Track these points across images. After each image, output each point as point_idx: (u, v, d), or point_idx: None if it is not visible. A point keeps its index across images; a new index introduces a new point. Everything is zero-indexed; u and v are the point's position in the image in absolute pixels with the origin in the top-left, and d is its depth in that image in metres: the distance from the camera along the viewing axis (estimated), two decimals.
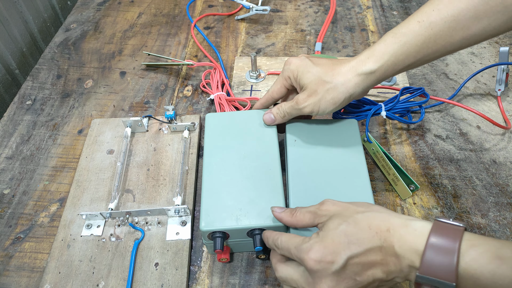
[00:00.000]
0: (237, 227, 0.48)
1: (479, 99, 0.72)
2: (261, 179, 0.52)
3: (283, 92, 0.56)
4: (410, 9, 0.91)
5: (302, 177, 0.52)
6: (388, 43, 0.48)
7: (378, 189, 0.60)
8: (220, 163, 0.53)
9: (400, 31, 0.47)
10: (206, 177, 0.52)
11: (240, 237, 0.49)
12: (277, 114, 0.56)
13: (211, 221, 0.48)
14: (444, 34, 0.45)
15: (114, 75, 0.79)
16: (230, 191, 0.50)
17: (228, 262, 0.53)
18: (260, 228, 0.48)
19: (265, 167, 0.53)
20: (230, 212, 0.49)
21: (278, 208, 0.47)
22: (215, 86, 0.71)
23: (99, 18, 0.92)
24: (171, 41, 0.86)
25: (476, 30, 0.45)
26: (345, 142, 0.55)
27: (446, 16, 0.45)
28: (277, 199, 0.50)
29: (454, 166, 0.62)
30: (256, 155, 0.54)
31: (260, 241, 0.48)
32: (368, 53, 0.49)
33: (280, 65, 0.76)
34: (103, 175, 0.61)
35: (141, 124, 0.66)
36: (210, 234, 0.48)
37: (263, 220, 0.48)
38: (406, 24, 0.47)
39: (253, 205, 0.49)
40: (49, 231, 0.57)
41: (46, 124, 0.71)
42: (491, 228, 0.55)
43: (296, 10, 0.93)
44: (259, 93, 0.71)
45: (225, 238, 0.49)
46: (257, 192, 0.50)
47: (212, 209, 0.49)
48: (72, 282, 0.51)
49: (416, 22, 0.46)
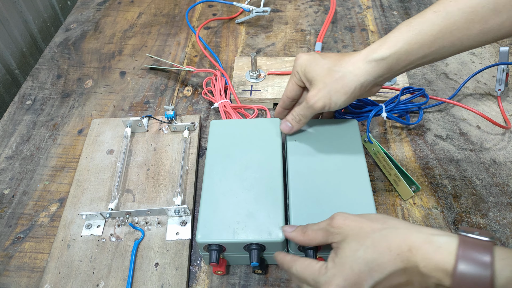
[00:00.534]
0: (234, 240, 0.47)
1: (479, 99, 0.72)
2: (261, 191, 0.51)
3: (296, 90, 0.54)
4: (410, 9, 0.91)
5: (302, 177, 0.52)
6: (403, 31, 0.46)
7: (378, 189, 0.60)
8: (221, 172, 0.53)
9: (416, 20, 0.46)
10: (206, 187, 0.51)
11: (236, 251, 0.49)
12: (293, 120, 0.54)
13: (208, 233, 0.47)
14: (461, 25, 0.44)
15: (114, 75, 0.79)
16: (229, 203, 0.50)
17: (223, 275, 0.52)
18: (257, 243, 0.47)
19: (266, 179, 0.52)
20: (228, 225, 0.48)
21: (288, 228, 0.46)
22: (217, 93, 0.70)
23: (99, 18, 0.92)
24: (171, 41, 0.86)
25: (494, 24, 0.43)
26: (346, 142, 0.55)
27: (464, 7, 0.43)
28: (277, 213, 0.48)
29: (454, 166, 0.62)
30: (258, 166, 0.53)
31: (257, 256, 0.47)
32: (380, 42, 0.47)
33: (280, 65, 0.76)
34: (103, 175, 0.61)
35: (141, 124, 0.66)
36: (206, 246, 0.48)
37: (261, 235, 0.47)
38: (422, 14, 0.46)
39: (252, 218, 0.48)
40: (49, 231, 0.57)
41: (46, 124, 0.71)
42: (491, 228, 0.55)
43: (296, 10, 0.93)
44: (259, 93, 0.71)
45: (221, 251, 0.48)
46: (257, 205, 0.49)
47: (209, 221, 0.48)
48: (72, 282, 0.51)
49: (433, 12, 0.45)
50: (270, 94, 0.71)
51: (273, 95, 0.71)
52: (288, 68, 0.76)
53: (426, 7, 0.91)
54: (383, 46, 0.47)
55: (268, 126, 0.58)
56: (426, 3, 0.93)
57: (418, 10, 0.91)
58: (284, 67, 0.76)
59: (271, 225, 0.48)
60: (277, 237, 0.47)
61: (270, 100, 0.71)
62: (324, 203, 0.49)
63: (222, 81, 0.71)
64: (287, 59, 0.77)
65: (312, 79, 0.50)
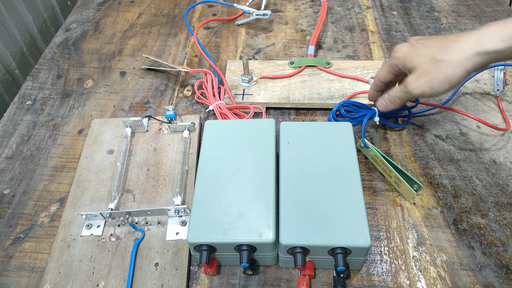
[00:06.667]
0: (224, 241, 0.47)
1: (479, 99, 0.72)
2: (253, 192, 0.51)
3: (390, 78, 0.54)
4: (410, 9, 0.92)
5: (294, 179, 0.52)
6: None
7: (378, 189, 0.60)
8: (214, 173, 0.53)
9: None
10: (198, 187, 0.52)
11: (227, 251, 0.49)
12: (388, 100, 0.54)
13: (198, 233, 0.47)
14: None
15: (114, 75, 0.79)
16: (221, 203, 0.50)
17: (214, 275, 0.52)
18: (247, 244, 0.47)
19: (259, 180, 0.52)
20: (219, 225, 0.48)
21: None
22: (210, 95, 0.69)
23: (99, 18, 0.92)
24: (171, 41, 0.86)
25: None
26: (339, 145, 0.55)
27: None
28: (268, 214, 0.49)
29: (454, 166, 0.62)
30: (251, 167, 0.53)
31: (247, 257, 0.47)
32: (495, 28, 0.44)
33: (272, 69, 0.75)
34: (103, 175, 0.61)
35: (141, 124, 0.66)
36: (196, 246, 0.48)
37: (251, 235, 0.47)
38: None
39: (243, 219, 0.48)
40: (49, 231, 0.57)
41: (46, 124, 0.71)
42: (491, 228, 0.55)
43: (296, 10, 0.93)
44: (251, 97, 0.71)
45: (212, 251, 0.48)
46: (248, 206, 0.49)
47: (200, 221, 0.48)
48: (72, 282, 0.51)
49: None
50: (262, 98, 0.70)
51: (266, 99, 0.70)
52: (280, 71, 0.75)
53: (426, 7, 0.92)
54: (498, 36, 0.43)
55: (263, 126, 0.58)
56: (426, 3, 0.93)
57: (418, 10, 0.91)
58: (277, 71, 0.75)
59: (262, 226, 0.48)
60: (268, 238, 0.47)
61: (263, 104, 0.70)
62: (315, 205, 0.49)
63: (215, 81, 0.71)
64: (280, 62, 0.76)
65: (413, 68, 0.49)
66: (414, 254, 0.53)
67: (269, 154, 0.54)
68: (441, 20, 0.88)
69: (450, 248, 0.54)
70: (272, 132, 0.57)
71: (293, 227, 0.47)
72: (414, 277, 0.51)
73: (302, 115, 0.70)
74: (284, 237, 0.47)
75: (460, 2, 0.93)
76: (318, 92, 0.71)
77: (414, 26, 0.87)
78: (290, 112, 0.71)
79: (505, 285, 0.50)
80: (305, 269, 0.49)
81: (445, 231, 0.55)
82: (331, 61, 0.76)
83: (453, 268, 0.52)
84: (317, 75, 0.74)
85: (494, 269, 0.52)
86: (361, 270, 0.52)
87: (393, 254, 0.53)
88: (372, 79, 0.72)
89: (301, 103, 0.70)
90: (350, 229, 0.47)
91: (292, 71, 0.74)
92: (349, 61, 0.77)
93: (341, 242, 0.46)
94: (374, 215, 0.57)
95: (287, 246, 0.47)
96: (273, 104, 0.70)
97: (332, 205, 0.49)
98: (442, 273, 0.52)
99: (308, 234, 0.47)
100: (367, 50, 0.82)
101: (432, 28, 0.86)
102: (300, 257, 0.47)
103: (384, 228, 0.56)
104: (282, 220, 0.48)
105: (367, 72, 0.74)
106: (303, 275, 0.49)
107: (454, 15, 0.89)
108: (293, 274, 0.52)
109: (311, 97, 0.70)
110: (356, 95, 0.70)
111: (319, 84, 0.72)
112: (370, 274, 0.52)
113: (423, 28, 0.87)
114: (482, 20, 0.88)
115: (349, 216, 0.48)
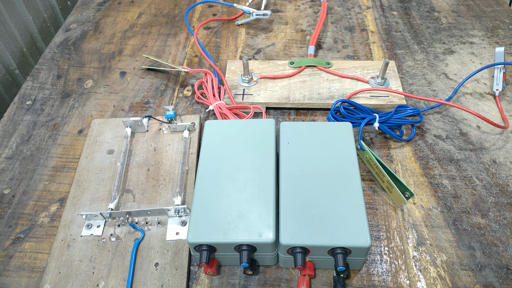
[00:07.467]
0: (224, 241, 0.47)
1: (479, 98, 0.72)
2: (253, 192, 0.51)
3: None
4: (410, 9, 0.92)
5: (294, 179, 0.52)
6: None
7: (378, 189, 0.60)
8: (214, 173, 0.53)
9: None
10: (198, 187, 0.52)
11: (227, 251, 0.49)
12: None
13: (198, 233, 0.47)
14: None
15: (114, 75, 0.79)
16: (221, 203, 0.50)
17: (214, 275, 0.52)
18: (247, 244, 0.47)
19: (259, 180, 0.52)
20: (219, 225, 0.48)
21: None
22: (210, 95, 0.69)
23: (99, 18, 0.92)
24: (171, 41, 0.86)
25: None
26: (339, 145, 0.55)
27: None
28: (268, 214, 0.49)
29: (454, 166, 0.62)
30: (251, 167, 0.53)
31: (247, 257, 0.47)
32: None
33: (272, 69, 0.75)
34: (103, 175, 0.61)
35: (141, 124, 0.66)
36: (196, 246, 0.48)
37: (251, 235, 0.47)
38: None
39: (243, 219, 0.48)
40: (49, 231, 0.57)
41: (46, 124, 0.71)
42: (491, 228, 0.55)
43: (296, 10, 0.93)
44: (251, 97, 0.71)
45: (212, 251, 0.48)
46: (248, 206, 0.49)
47: (200, 221, 0.48)
48: (72, 282, 0.51)
49: None
50: (262, 98, 0.70)
51: (265, 99, 0.70)
52: (280, 72, 0.74)
53: (426, 7, 0.92)
54: None
55: (263, 126, 0.58)
56: (426, 3, 0.93)
57: (418, 10, 0.91)
58: (277, 71, 0.75)
59: (261, 226, 0.48)
60: (268, 238, 0.47)
61: (263, 104, 0.70)
62: (315, 205, 0.49)
63: (215, 81, 0.71)
64: (280, 62, 0.77)
65: None
66: (414, 254, 0.53)
67: (269, 154, 0.54)
68: (441, 20, 0.88)
69: (450, 248, 0.54)
70: (272, 132, 0.57)
71: (293, 227, 0.47)
72: (414, 277, 0.51)
73: (302, 115, 0.70)
74: (284, 237, 0.47)
75: (460, 2, 0.93)
76: (318, 92, 0.71)
77: (414, 26, 0.87)
78: (290, 112, 0.71)
79: (505, 285, 0.50)
80: (305, 269, 0.49)
81: (445, 231, 0.55)
82: (331, 61, 0.76)
83: (453, 268, 0.52)
84: (317, 75, 0.74)
85: (494, 269, 0.52)
86: (361, 270, 0.52)
87: (393, 254, 0.53)
88: (372, 79, 0.72)
89: (301, 103, 0.70)
90: (350, 229, 0.47)
91: (292, 71, 0.74)
92: (349, 61, 0.77)
93: (341, 242, 0.46)
94: (374, 215, 0.57)
95: (287, 246, 0.47)
96: (273, 104, 0.70)
97: (332, 205, 0.49)
98: (442, 273, 0.52)
99: (308, 234, 0.47)
100: (367, 50, 0.82)
101: (432, 28, 0.87)
102: (300, 257, 0.47)
103: (384, 228, 0.56)
104: (282, 220, 0.48)
105: (367, 72, 0.74)
106: (303, 275, 0.49)
107: (454, 15, 0.89)
108: (293, 274, 0.52)
109: (311, 97, 0.70)
110: (356, 95, 0.70)
111: (319, 84, 0.72)
112: (370, 274, 0.52)
113: (423, 28, 0.87)
114: (482, 20, 0.88)
115: (349, 216, 0.48)
